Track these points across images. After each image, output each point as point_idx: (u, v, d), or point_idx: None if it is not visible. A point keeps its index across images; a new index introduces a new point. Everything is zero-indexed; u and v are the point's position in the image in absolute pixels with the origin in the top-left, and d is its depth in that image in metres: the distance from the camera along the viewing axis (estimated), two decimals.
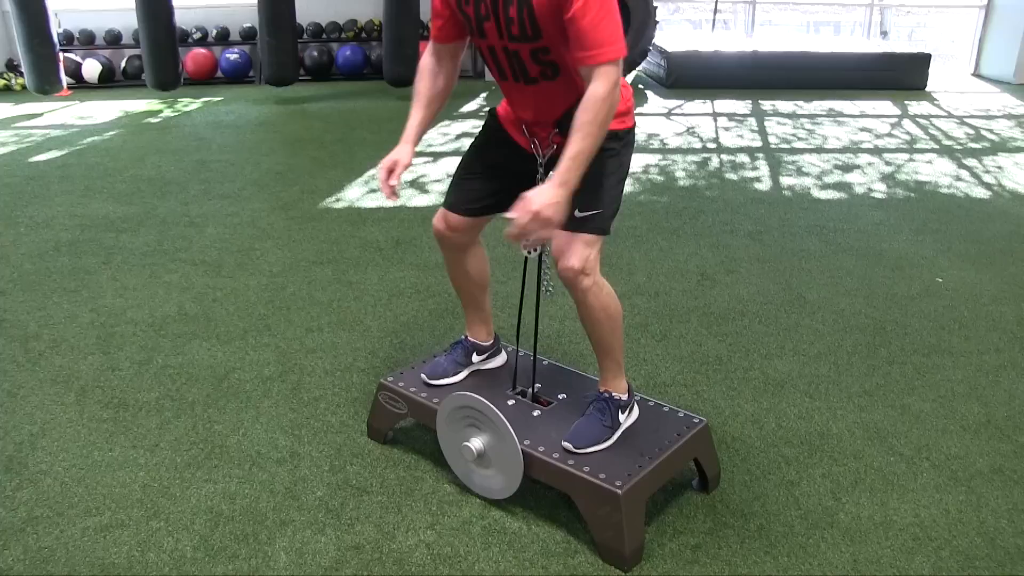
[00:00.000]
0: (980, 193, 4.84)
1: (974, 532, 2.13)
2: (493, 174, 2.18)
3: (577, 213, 1.97)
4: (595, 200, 1.99)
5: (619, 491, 1.95)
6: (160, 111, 6.94)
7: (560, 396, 2.33)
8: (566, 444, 2.08)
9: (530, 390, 2.34)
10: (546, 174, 2.08)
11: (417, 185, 4.83)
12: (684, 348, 3.02)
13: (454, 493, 2.25)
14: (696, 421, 2.23)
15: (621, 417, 2.17)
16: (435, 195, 4.62)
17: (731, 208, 4.54)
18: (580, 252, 1.98)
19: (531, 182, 2.08)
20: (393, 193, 2.05)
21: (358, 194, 4.63)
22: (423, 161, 5.27)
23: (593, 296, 2.02)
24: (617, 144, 2.02)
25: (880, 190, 4.90)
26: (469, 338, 2.44)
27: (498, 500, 2.20)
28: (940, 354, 3.00)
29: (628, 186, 1.86)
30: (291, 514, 2.17)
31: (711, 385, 2.79)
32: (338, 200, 4.53)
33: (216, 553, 2.04)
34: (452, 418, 2.20)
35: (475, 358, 2.44)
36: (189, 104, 7.21)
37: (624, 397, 2.19)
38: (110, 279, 3.58)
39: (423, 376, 2.38)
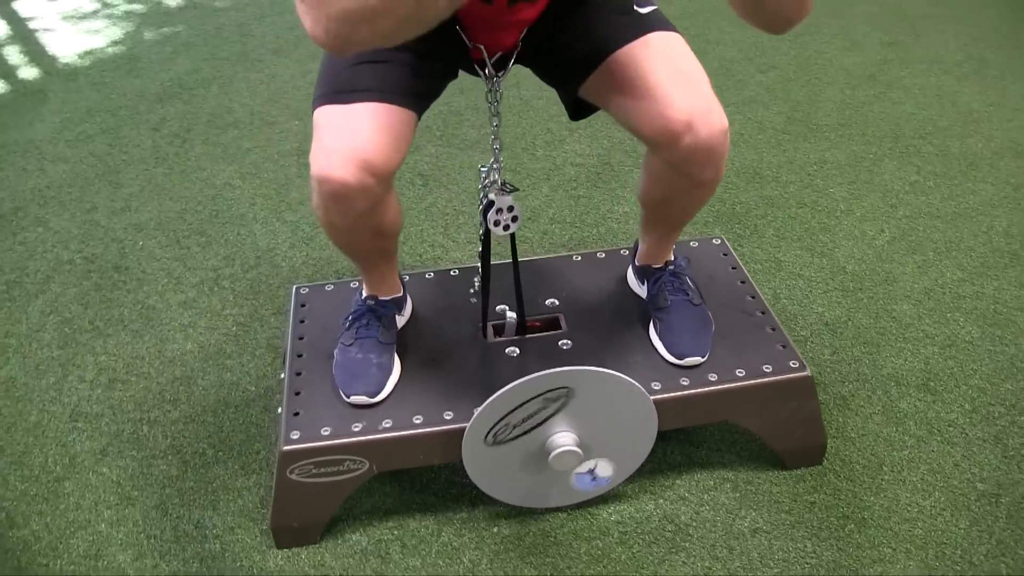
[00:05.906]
0: None
1: (989, 298, 1.86)
2: (421, 67, 1.19)
3: (637, 7, 1.18)
4: None
5: (807, 372, 1.35)
6: None
7: (548, 302, 1.52)
8: (689, 359, 1.36)
9: (508, 316, 1.47)
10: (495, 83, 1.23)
11: None
12: (566, 196, 2.28)
13: (523, 531, 1.37)
14: (725, 249, 1.66)
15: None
16: None
17: None
18: (712, 99, 1.16)
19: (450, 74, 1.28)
20: None
21: None
22: None
23: (721, 171, 1.24)
24: None
25: None
26: (382, 298, 1.43)
27: (583, 503, 1.41)
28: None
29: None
30: None
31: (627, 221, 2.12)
32: None
33: None
34: (502, 428, 1.27)
35: (399, 320, 1.47)
36: None
37: (676, 258, 1.51)
38: None
39: (357, 398, 1.33)
